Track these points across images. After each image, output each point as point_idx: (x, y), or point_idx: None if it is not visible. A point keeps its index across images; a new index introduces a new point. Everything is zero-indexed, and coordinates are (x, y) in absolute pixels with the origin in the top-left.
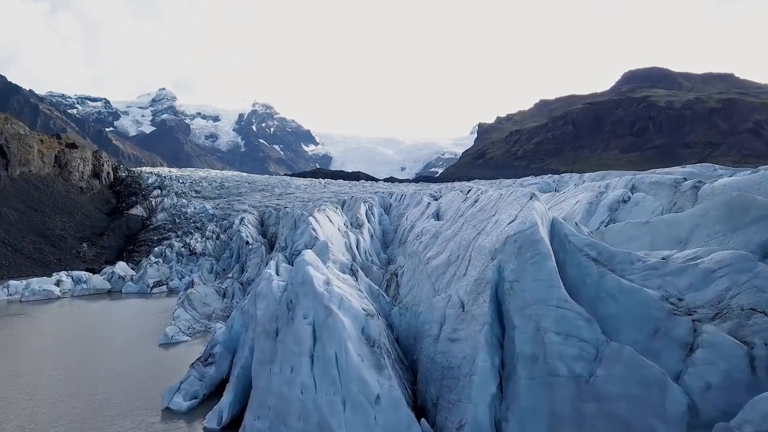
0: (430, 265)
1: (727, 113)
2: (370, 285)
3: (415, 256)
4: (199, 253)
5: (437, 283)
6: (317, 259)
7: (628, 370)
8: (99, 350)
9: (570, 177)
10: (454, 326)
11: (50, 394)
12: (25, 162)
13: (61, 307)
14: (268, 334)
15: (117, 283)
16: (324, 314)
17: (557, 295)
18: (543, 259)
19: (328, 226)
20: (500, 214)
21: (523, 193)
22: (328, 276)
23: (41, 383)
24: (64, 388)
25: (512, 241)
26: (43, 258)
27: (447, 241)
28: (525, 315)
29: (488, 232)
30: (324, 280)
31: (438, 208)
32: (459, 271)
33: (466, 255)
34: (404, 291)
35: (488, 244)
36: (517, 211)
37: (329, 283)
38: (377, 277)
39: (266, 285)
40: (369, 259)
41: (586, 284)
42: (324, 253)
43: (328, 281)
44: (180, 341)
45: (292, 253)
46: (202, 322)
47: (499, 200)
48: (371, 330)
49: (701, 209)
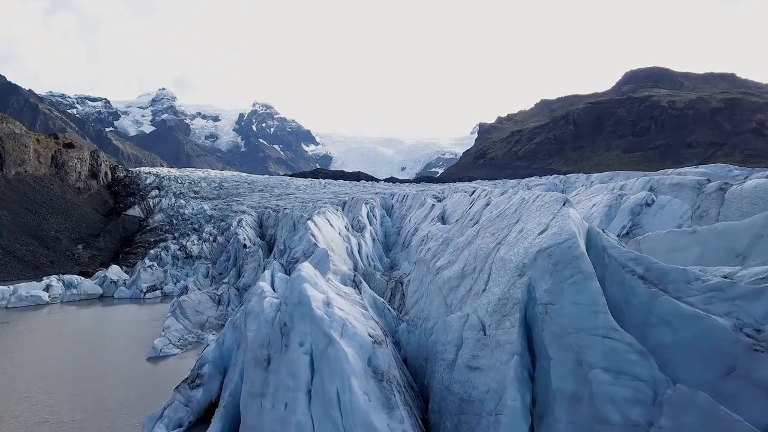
0: (441, 276)
1: (730, 113)
2: (375, 298)
3: (422, 264)
4: (195, 256)
5: (450, 298)
6: (315, 273)
7: (704, 422)
8: (79, 366)
9: (577, 177)
10: (474, 352)
11: (17, 423)
12: (21, 162)
13: (49, 314)
14: (258, 362)
15: (109, 287)
16: (323, 342)
17: (604, 323)
18: (585, 279)
19: (328, 230)
20: (526, 222)
21: (553, 197)
22: (328, 295)
23: (8, 408)
24: (33, 416)
25: (545, 256)
26: (36, 260)
27: (460, 250)
28: (563, 345)
29: (511, 242)
30: (323, 300)
31: (443, 211)
32: (476, 286)
33: (485, 268)
34: (410, 301)
35: (514, 258)
36: (548, 219)
37: (329, 304)
38: (380, 284)
39: (257, 303)
40: (371, 264)
41: (632, 307)
42: (324, 263)
43: (329, 301)
44: (170, 354)
45: (290, 260)
46: (195, 333)
47: (522, 205)
48: (379, 361)
49: (763, 218)
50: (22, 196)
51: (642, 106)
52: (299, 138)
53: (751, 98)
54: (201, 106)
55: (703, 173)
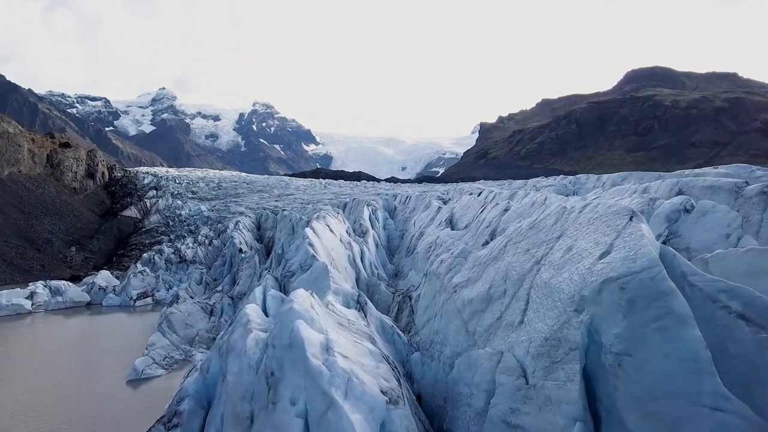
0: (460, 295)
1: (734, 112)
2: (383, 321)
3: (435, 278)
4: (190, 260)
5: (472, 324)
6: (312, 303)
7: None
8: (44, 391)
9: (587, 178)
10: (513, 404)
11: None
12: (15, 162)
13: (30, 324)
14: (239, 420)
15: (97, 294)
16: (322, 404)
17: (711, 388)
18: (680, 325)
19: (328, 237)
20: (574, 239)
21: (612, 209)
22: (327, 335)
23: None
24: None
25: (616, 289)
26: (26, 264)
27: (482, 266)
28: (648, 414)
29: (557, 264)
30: (322, 344)
31: (451, 214)
32: (509, 314)
33: (519, 293)
34: (421, 319)
35: (565, 286)
36: (609, 237)
37: (329, 349)
38: (386, 297)
39: (240, 337)
40: (375, 273)
41: (730, 356)
42: (323, 280)
43: (328, 345)
44: (152, 376)
45: (285, 273)
46: (183, 349)
47: (565, 217)
48: (396, 427)
49: None
50: (14, 196)
51: (645, 105)
52: (299, 138)
53: (755, 98)
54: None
55: (725, 174)
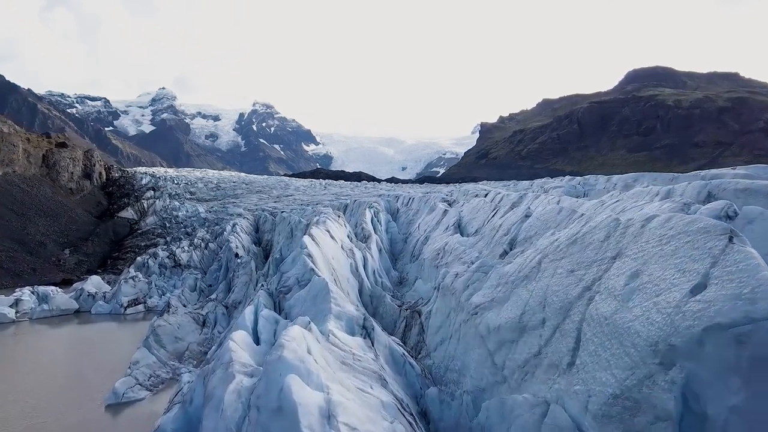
0: (483, 319)
1: (737, 112)
2: (392, 350)
3: (449, 294)
4: (185, 264)
5: (500, 356)
6: (307, 348)
7: None
8: (15, 421)
9: (596, 179)
10: None
11: None
12: (9, 162)
13: (13, 335)
14: None
15: (86, 301)
16: None
17: None
18: None
19: (328, 244)
20: (644, 263)
21: (700, 224)
22: (329, 396)
23: None
24: None
25: (729, 341)
26: (16, 267)
27: (510, 286)
28: None
29: (620, 295)
30: (321, 408)
31: (459, 218)
32: (551, 350)
33: (566, 326)
34: (433, 340)
35: (639, 326)
36: (704, 264)
37: (331, 417)
38: (392, 311)
39: (220, 383)
40: (379, 282)
41: None
42: (323, 301)
43: (329, 411)
44: (134, 399)
45: (280, 289)
46: (171, 366)
47: (620, 231)
48: None
49: None
50: (8, 197)
51: (647, 105)
52: (299, 138)
53: (758, 97)
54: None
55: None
